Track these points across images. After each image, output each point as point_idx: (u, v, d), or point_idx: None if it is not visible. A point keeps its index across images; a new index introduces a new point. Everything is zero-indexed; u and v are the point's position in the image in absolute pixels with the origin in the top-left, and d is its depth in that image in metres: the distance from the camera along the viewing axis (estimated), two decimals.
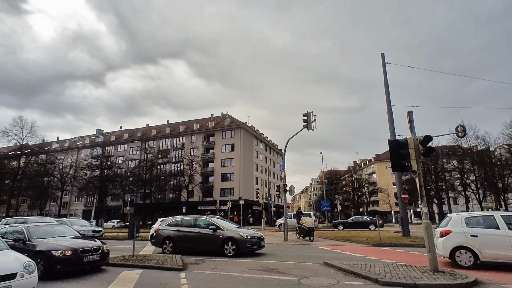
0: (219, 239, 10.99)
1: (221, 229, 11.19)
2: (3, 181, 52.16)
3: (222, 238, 10.95)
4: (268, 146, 70.28)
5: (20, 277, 4.70)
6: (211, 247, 11.17)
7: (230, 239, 10.85)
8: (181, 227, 12.03)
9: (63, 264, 7.40)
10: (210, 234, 11.21)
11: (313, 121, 17.07)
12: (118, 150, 63.69)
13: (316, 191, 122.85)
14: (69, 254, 7.51)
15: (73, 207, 62.97)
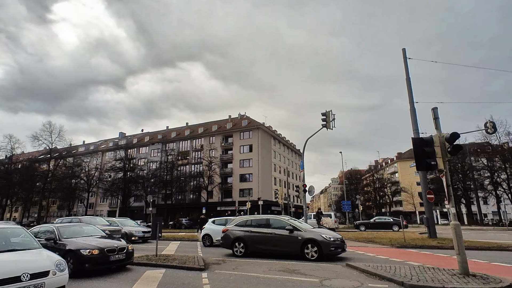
0: (298, 241, 10.06)
1: (299, 230, 10.32)
2: (34, 183, 55.21)
3: (302, 240, 10.02)
4: (286, 146, 69.91)
5: (53, 274, 4.93)
6: (288, 249, 10.30)
7: (311, 241, 9.92)
8: (251, 227, 11.33)
9: (91, 262, 7.71)
10: (287, 235, 10.31)
11: (332, 120, 16.80)
12: (140, 152, 65.59)
13: (336, 191, 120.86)
14: (97, 253, 7.82)
15: (98, 208, 65.48)
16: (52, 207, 65.10)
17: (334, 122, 16.79)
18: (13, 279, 4.45)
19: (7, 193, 54.27)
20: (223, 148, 58.19)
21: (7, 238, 5.89)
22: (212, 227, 15.83)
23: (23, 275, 4.58)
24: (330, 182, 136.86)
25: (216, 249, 13.81)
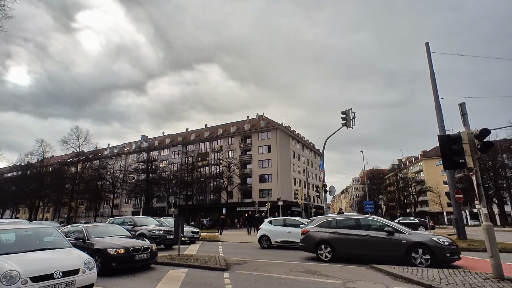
0: (402, 245, 8.82)
1: (402, 232, 9.09)
2: (64, 185, 58.04)
3: (407, 243, 8.76)
4: (306, 146, 69.24)
5: (82, 272, 5.16)
6: (389, 254, 9.03)
7: (420, 245, 8.63)
8: (337, 228, 10.23)
9: (117, 261, 7.99)
10: (386, 238, 9.14)
11: (353, 118, 16.45)
12: (161, 154, 67.27)
13: (358, 191, 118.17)
14: (122, 253, 8.09)
15: (123, 209, 67.78)
16: (80, 207, 68.09)
17: (355, 121, 16.43)
18: (46, 277, 4.70)
19: (39, 194, 57.43)
20: (242, 149, 58.50)
21: (41, 237, 6.23)
22: (270, 228, 14.68)
23: (56, 272, 4.82)
24: (352, 182, 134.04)
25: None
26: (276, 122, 58.51)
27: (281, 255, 11.85)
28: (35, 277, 4.59)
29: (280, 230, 13.94)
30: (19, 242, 5.82)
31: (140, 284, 6.98)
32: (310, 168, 67.04)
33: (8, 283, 4.33)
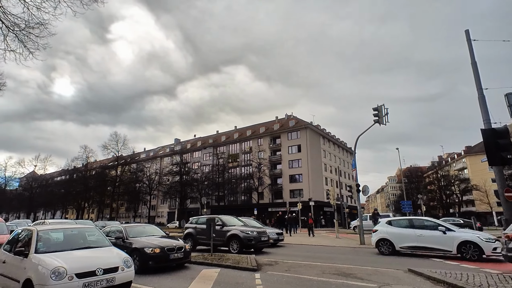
0: None
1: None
2: (106, 188, 62.04)
3: None
4: (337, 145, 67.50)
5: (121, 270, 5.46)
6: None
7: None
8: None
9: (154, 260, 8.36)
10: None
11: (385, 115, 15.72)
12: (193, 156, 69.34)
13: (394, 190, 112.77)
14: (158, 252, 8.44)
15: (159, 210, 70.83)
16: (121, 208, 72.27)
17: (388, 117, 15.68)
18: (90, 273, 5.04)
19: (84, 196, 61.97)
20: (272, 149, 58.46)
21: (85, 237, 6.69)
22: (392, 230, 12.09)
23: (98, 269, 5.14)
24: (387, 181, 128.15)
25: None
26: (306, 122, 57.71)
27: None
28: (80, 274, 4.94)
29: (407, 233, 11.57)
30: (66, 241, 6.30)
31: (174, 282, 7.23)
32: (342, 167, 65.20)
33: (56, 278, 4.71)
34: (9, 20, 8.05)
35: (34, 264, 5.04)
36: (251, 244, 12.19)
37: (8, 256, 5.87)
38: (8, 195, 72.72)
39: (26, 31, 8.32)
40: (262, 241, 12.72)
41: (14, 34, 8.27)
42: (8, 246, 6.28)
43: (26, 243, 5.74)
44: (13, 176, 70.09)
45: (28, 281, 4.88)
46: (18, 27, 8.17)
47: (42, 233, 6.00)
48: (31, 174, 71.62)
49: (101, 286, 5.06)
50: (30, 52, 8.58)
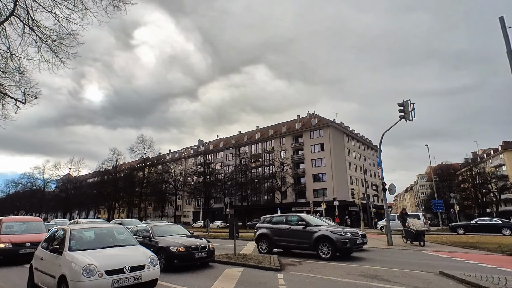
0: None
1: None
2: (134, 188, 64.60)
3: None
4: (361, 143, 65.69)
5: (147, 268, 5.65)
6: None
7: None
8: None
9: (179, 259, 8.58)
10: None
11: (412, 110, 15.07)
12: (216, 157, 70.38)
13: (424, 189, 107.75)
14: (183, 251, 8.66)
15: (185, 209, 72.59)
16: (148, 208, 74.93)
17: (414, 112, 15.02)
18: (118, 271, 5.26)
19: (115, 197, 64.94)
20: (294, 149, 58.00)
21: (114, 235, 7.00)
22: None
23: (125, 267, 5.36)
24: (416, 179, 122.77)
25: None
26: (328, 120, 56.69)
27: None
28: (109, 271, 5.17)
29: None
30: (96, 239, 6.62)
31: (199, 281, 7.38)
32: (368, 165, 63.35)
33: (88, 275, 4.96)
34: (42, 32, 8.60)
35: (68, 261, 5.34)
36: (347, 247, 10.37)
37: (45, 254, 6.27)
38: (46, 196, 77.90)
39: (58, 42, 8.86)
40: (357, 244, 10.84)
41: (47, 45, 8.83)
42: (45, 243, 6.71)
43: (61, 241, 6.09)
44: (51, 179, 75.14)
45: (63, 277, 5.18)
46: (50, 38, 8.72)
47: (75, 232, 6.34)
48: (66, 176, 76.25)
49: (128, 283, 5.27)
50: (62, 61, 9.13)
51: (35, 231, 11.64)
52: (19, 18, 8.30)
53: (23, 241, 10.53)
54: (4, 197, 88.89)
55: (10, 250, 10.20)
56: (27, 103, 9.82)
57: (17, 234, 11.09)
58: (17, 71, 9.29)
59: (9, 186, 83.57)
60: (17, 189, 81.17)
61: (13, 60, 8.95)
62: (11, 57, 8.85)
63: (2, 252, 10.14)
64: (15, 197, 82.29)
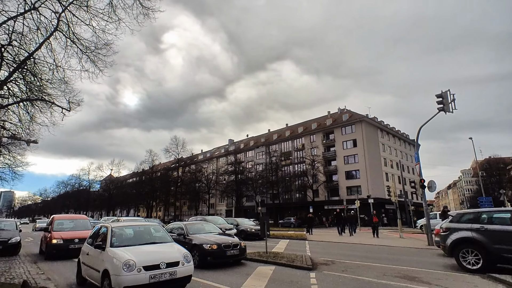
0: None
1: None
2: (169, 188, 67.33)
3: None
4: (397, 137, 62.51)
5: (181, 264, 5.89)
6: None
7: None
8: None
9: (212, 256, 8.83)
10: None
11: (452, 101, 14.05)
12: (247, 156, 71.04)
13: (470, 185, 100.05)
14: (215, 248, 8.90)
15: (218, 208, 74.22)
16: (183, 207, 77.72)
17: (455, 103, 13.98)
18: (155, 266, 5.55)
19: (152, 196, 68.20)
20: (325, 146, 56.77)
21: (151, 233, 7.38)
22: None
23: (161, 263, 5.63)
24: (460, 175, 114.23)
25: None
26: (360, 114, 54.67)
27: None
28: (147, 266, 5.46)
29: None
30: (135, 236, 7.03)
31: (231, 278, 7.53)
32: (405, 161, 60.18)
33: (127, 270, 5.29)
34: (82, 44, 9.28)
35: (110, 257, 5.73)
36: None
37: (90, 249, 6.78)
38: (92, 195, 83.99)
39: (96, 52, 9.50)
40: None
41: (86, 56, 9.50)
42: (90, 240, 7.26)
43: (103, 238, 6.55)
44: (95, 179, 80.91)
45: (106, 271, 5.57)
46: (89, 49, 9.38)
47: (116, 229, 6.79)
48: (108, 177, 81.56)
49: (164, 279, 5.53)
50: (100, 70, 9.77)
51: (82, 228, 12.65)
52: (62, 32, 9.02)
53: (72, 237, 11.48)
54: (56, 196, 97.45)
55: (61, 245, 11.18)
56: (71, 110, 10.63)
57: (67, 231, 12.11)
58: (62, 81, 10.10)
59: (60, 186, 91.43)
60: (67, 190, 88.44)
61: (58, 72, 9.75)
62: (56, 68, 9.65)
63: (54, 247, 11.14)
64: (65, 196, 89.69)
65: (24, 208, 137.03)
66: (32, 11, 8.34)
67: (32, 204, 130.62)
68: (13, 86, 10.43)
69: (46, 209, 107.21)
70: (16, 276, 7.95)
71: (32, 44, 9.14)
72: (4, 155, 23.06)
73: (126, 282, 5.20)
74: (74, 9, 8.71)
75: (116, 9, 8.42)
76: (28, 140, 15.73)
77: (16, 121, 12.35)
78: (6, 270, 8.72)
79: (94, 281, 6.18)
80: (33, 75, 9.55)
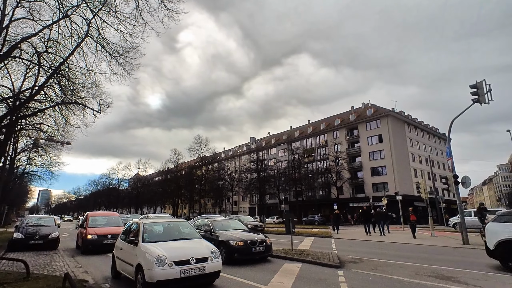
0: None
1: None
2: (194, 186, 68.86)
3: None
4: (426, 132, 59.79)
5: (210, 260, 6.01)
6: None
7: None
8: None
9: (238, 252, 8.92)
10: None
11: (488, 91, 13.18)
12: (269, 153, 71.00)
13: (507, 181, 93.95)
14: (242, 245, 8.98)
15: (241, 205, 74.93)
16: (208, 204, 79.27)
17: (491, 94, 13.11)
18: (185, 262, 5.70)
19: (177, 194, 70.09)
20: (349, 142, 55.46)
21: (179, 229, 7.59)
22: None
23: (191, 259, 5.77)
24: (497, 170, 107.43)
25: None
26: (386, 109, 52.82)
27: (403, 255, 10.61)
28: (177, 262, 5.62)
29: None
30: (165, 232, 7.26)
31: (258, 274, 7.57)
32: (435, 156, 57.47)
33: (159, 265, 5.47)
34: (111, 48, 9.67)
35: (142, 252, 5.96)
36: None
37: (124, 244, 7.08)
38: (121, 193, 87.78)
39: (124, 55, 9.86)
40: None
41: (115, 60, 9.90)
42: (124, 235, 7.58)
43: (136, 234, 6.82)
44: (124, 178, 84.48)
45: (139, 266, 5.80)
46: (118, 53, 9.76)
47: (147, 226, 7.04)
48: (136, 176, 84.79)
49: (194, 274, 5.67)
50: (128, 72, 10.15)
51: (114, 224, 13.26)
52: (92, 38, 9.45)
53: (106, 233, 12.07)
54: (88, 195, 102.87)
55: (96, 241, 11.80)
56: (102, 112, 11.13)
57: (100, 227, 12.75)
58: (94, 84, 10.63)
59: (92, 185, 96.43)
60: (98, 188, 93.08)
61: (90, 75, 10.25)
62: (88, 72, 10.15)
63: (90, 242, 11.77)
64: (96, 194, 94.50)
65: (60, 206, 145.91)
66: (65, 19, 8.80)
67: (67, 202, 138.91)
68: (49, 91, 11.10)
69: (80, 207, 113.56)
70: (56, 269, 8.49)
71: (65, 50, 9.65)
72: (41, 156, 24.62)
73: (158, 276, 5.39)
74: (103, 15, 9.08)
75: (142, 12, 8.68)
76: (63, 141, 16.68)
77: (52, 124, 13.12)
78: (47, 263, 9.33)
79: (128, 275, 6.44)
80: (67, 80, 10.08)
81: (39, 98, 11.05)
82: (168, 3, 8.64)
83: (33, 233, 12.78)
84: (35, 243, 12.54)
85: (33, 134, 18.05)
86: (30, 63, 10.03)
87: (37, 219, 15.08)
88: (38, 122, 14.44)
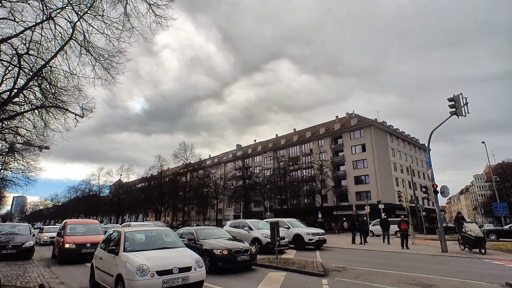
0: None
1: None
2: (178, 193, 67.66)
3: None
4: (407, 142, 61.70)
5: (194, 270, 5.89)
6: None
7: None
8: None
9: (222, 261, 8.80)
10: None
11: (464, 105, 13.82)
12: (254, 161, 70.99)
13: (483, 190, 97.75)
14: (226, 254, 8.87)
15: (226, 213, 74.14)
16: (191, 212, 77.94)
17: (468, 107, 13.74)
18: (168, 271, 5.56)
19: (161, 201, 68.60)
20: (333, 150, 56.37)
21: (162, 238, 7.41)
22: None
23: (174, 268, 5.64)
24: (473, 180, 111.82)
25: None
26: (369, 119, 54.22)
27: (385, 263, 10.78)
28: (160, 271, 5.48)
29: None
30: (147, 241, 7.07)
31: (242, 284, 7.48)
32: (415, 166, 59.24)
33: (141, 275, 5.31)
34: (96, 52, 9.49)
35: (123, 261, 5.77)
36: None
37: (104, 254, 6.85)
38: (101, 200, 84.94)
39: (109, 60, 9.69)
40: None
41: (100, 64, 9.71)
42: (104, 244, 7.32)
43: (116, 243, 6.61)
44: (105, 185, 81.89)
45: (119, 276, 5.61)
46: (103, 57, 9.58)
47: (128, 234, 6.84)
48: (118, 182, 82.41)
49: (177, 284, 5.54)
50: (113, 77, 9.96)
51: (94, 232, 12.79)
52: (77, 41, 9.25)
53: (84, 242, 11.61)
54: (67, 201, 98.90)
55: (73, 250, 11.32)
56: (84, 117, 10.82)
57: (79, 236, 12.26)
58: (76, 88, 10.33)
59: (70, 191, 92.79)
60: (77, 195, 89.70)
61: (73, 79, 9.98)
62: (71, 76, 9.88)
63: (67, 252, 11.28)
64: (75, 201, 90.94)
65: (36, 213, 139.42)
66: (49, 21, 8.59)
67: (44, 209, 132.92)
68: (29, 94, 10.70)
69: (57, 214, 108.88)
70: (30, 280, 8.07)
71: (48, 52, 9.39)
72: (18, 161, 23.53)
73: (139, 286, 5.23)
74: (89, 18, 8.93)
75: (130, 18, 8.60)
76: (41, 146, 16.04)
77: (31, 128, 12.61)
78: (21, 274, 8.87)
79: (108, 286, 6.21)
80: (48, 83, 9.78)
81: (18, 101, 10.64)
82: (156, 9, 8.60)
83: (6, 242, 12.11)
84: (8, 252, 11.89)
85: (9, 137, 17.26)
86: (10, 65, 9.68)
87: (11, 227, 14.31)
88: (15, 126, 13.86)
